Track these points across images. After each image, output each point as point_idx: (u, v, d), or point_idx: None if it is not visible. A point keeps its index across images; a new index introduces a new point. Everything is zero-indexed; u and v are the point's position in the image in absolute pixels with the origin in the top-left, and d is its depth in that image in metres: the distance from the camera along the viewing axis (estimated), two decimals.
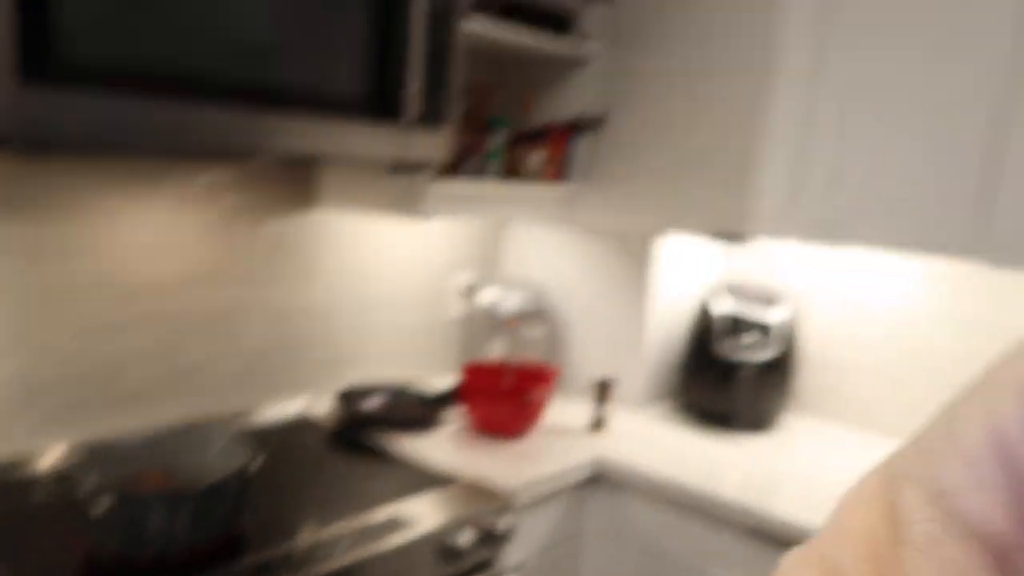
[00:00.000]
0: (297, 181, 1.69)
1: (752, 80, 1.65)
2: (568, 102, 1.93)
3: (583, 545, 1.67)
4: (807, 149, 1.64)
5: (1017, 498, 0.34)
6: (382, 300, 1.91)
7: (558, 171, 1.91)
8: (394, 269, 1.93)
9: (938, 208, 1.49)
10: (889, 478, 0.40)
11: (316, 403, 1.78)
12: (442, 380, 2.01)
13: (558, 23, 1.83)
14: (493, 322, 2.02)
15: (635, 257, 1.97)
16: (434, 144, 1.39)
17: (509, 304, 2.04)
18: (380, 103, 1.30)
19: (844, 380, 1.96)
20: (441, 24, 1.35)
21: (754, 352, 1.86)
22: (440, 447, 1.62)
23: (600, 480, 1.64)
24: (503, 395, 1.73)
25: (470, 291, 2.09)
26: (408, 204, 1.57)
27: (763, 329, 1.87)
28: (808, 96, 1.63)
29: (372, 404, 1.77)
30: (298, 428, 1.68)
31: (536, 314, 2.07)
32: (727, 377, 1.86)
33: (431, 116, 1.37)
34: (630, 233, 1.97)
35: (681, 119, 1.76)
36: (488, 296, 2.04)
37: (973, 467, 0.35)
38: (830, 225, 1.61)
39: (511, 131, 1.88)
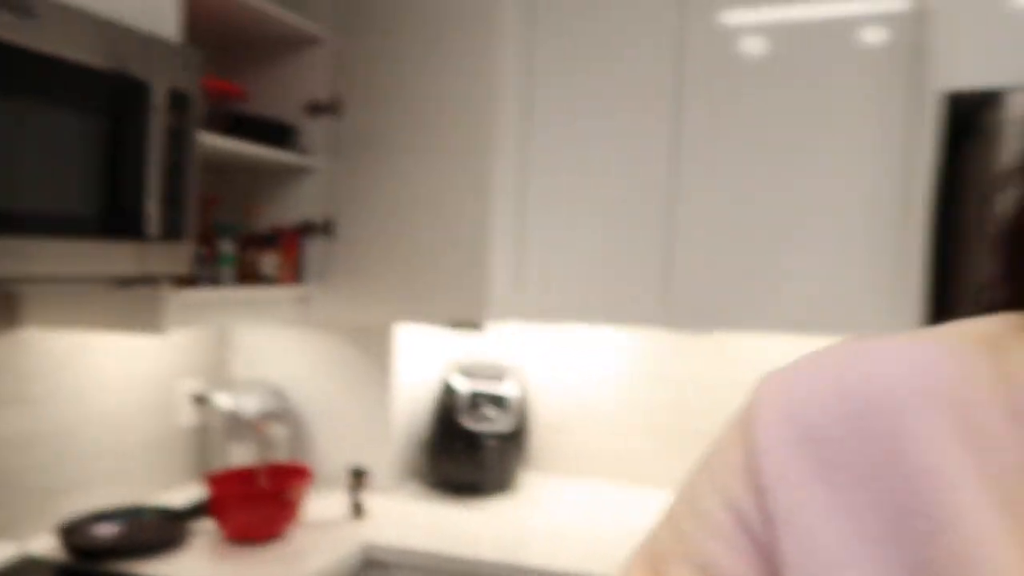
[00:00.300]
0: None
1: (472, 186, 1.88)
2: (297, 207, 2.02)
3: None
4: (524, 245, 1.91)
5: (762, 556, 0.41)
6: (104, 418, 1.81)
7: (293, 273, 1.98)
8: (115, 384, 1.84)
9: (629, 288, 1.82)
10: (653, 559, 0.44)
11: (37, 540, 1.62)
12: (182, 494, 1.93)
13: (283, 135, 1.93)
14: (233, 426, 2.00)
15: (374, 348, 2.08)
16: (175, 257, 1.41)
17: (249, 407, 2.03)
18: (118, 220, 1.30)
19: (572, 438, 2.23)
20: (177, 142, 1.39)
21: (494, 423, 2.04)
22: (195, 565, 1.56)
23: (371, 565, 1.69)
24: (258, 498, 1.72)
25: (201, 399, 2.05)
26: (144, 319, 1.54)
27: (499, 402, 2.07)
28: (520, 200, 1.91)
29: (106, 531, 1.65)
30: (19, 571, 1.52)
31: (277, 414, 2.08)
32: (472, 448, 2.02)
33: (171, 230, 1.39)
34: (368, 327, 2.08)
35: (409, 220, 1.94)
36: (224, 401, 2.02)
37: (725, 539, 0.41)
38: (547, 308, 1.89)
39: (240, 236, 1.92)
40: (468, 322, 1.88)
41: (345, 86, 2.01)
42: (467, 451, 2.03)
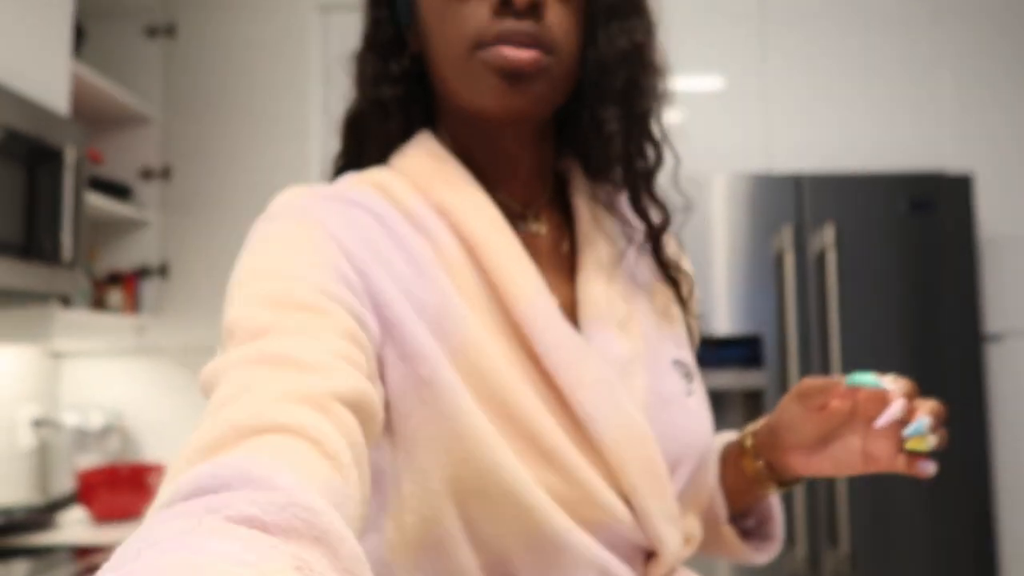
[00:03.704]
0: None
1: None
2: (134, 253, 2.42)
3: None
4: None
5: (356, 293, 0.53)
6: None
7: (132, 307, 2.37)
8: None
9: None
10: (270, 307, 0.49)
11: None
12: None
13: (121, 191, 2.34)
14: (78, 440, 2.30)
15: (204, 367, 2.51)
16: (76, 279, 1.81)
17: (93, 422, 2.35)
18: (37, 248, 1.70)
19: None
20: (77, 191, 1.82)
21: None
22: (70, 534, 1.90)
23: None
24: (121, 483, 2.07)
25: (41, 422, 2.33)
26: (34, 333, 1.89)
27: None
28: None
29: None
30: None
31: (116, 429, 2.41)
32: None
33: (76, 258, 1.80)
34: (198, 348, 2.51)
35: (234, 262, 2.42)
36: (71, 418, 2.32)
37: (336, 280, 0.52)
38: None
39: (91, 276, 2.29)
40: None
41: (174, 155, 2.47)
42: None
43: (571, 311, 0.62)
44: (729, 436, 0.76)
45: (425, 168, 0.63)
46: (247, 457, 0.37)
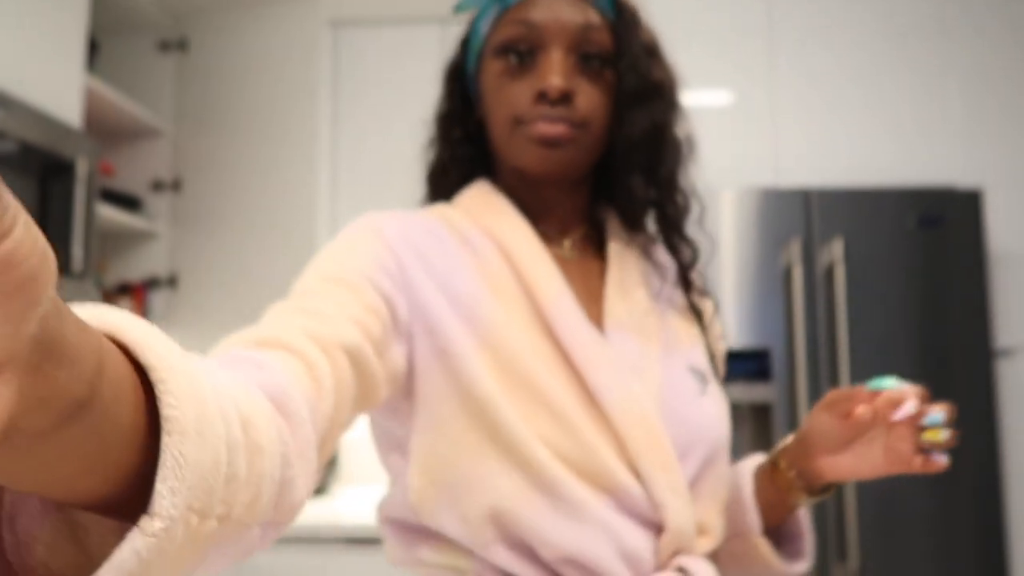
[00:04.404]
0: None
1: (296, 246, 2.44)
2: (144, 264, 2.44)
3: None
4: None
5: (397, 283, 0.66)
6: None
7: (143, 317, 2.37)
8: None
9: None
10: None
11: None
12: None
13: (131, 203, 2.36)
14: None
15: None
16: (87, 292, 1.83)
17: None
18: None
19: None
20: (89, 203, 1.83)
21: None
22: None
23: None
24: None
25: None
26: None
27: None
28: None
29: None
30: None
31: None
32: None
33: (86, 270, 1.81)
34: None
35: (243, 274, 2.44)
36: None
37: (379, 272, 0.65)
38: None
39: (101, 287, 2.30)
40: None
41: (185, 167, 2.49)
42: None
43: (597, 320, 0.74)
44: (762, 457, 0.83)
45: (478, 202, 0.77)
46: (258, 352, 0.50)
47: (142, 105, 2.38)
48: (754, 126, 2.54)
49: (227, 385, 0.37)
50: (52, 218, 1.73)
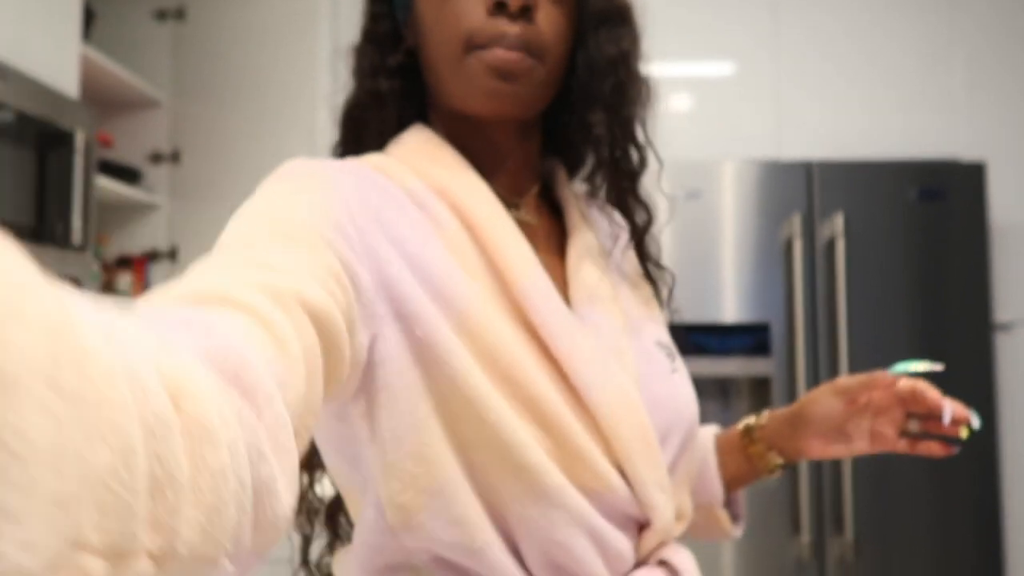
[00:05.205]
0: None
1: None
2: (144, 237, 2.43)
3: None
4: None
5: (354, 248, 0.52)
6: None
7: (141, 291, 2.38)
8: None
9: None
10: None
11: None
12: None
13: (130, 175, 2.35)
14: None
15: None
16: (86, 263, 1.82)
17: None
18: (47, 231, 1.71)
19: None
20: (87, 175, 1.83)
21: None
22: None
23: None
24: None
25: None
26: None
27: None
28: None
29: None
30: None
31: None
32: None
33: (85, 242, 1.81)
34: None
35: None
36: None
37: (334, 231, 0.51)
38: None
39: (102, 259, 2.30)
40: None
41: (184, 138, 2.47)
42: None
43: (563, 293, 0.64)
44: (714, 429, 0.81)
45: (423, 154, 0.65)
46: (195, 311, 0.36)
47: (139, 75, 2.36)
48: (756, 98, 2.52)
49: (145, 348, 0.26)
50: (51, 190, 1.72)
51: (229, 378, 0.30)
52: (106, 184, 2.12)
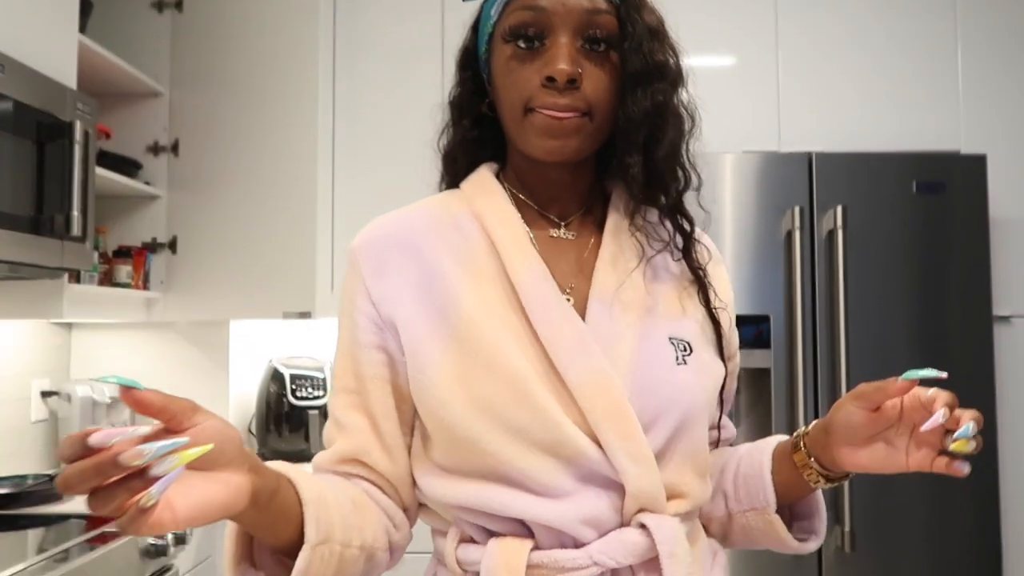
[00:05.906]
0: None
1: (295, 208, 2.43)
2: (143, 228, 2.43)
3: None
4: (340, 248, 2.48)
5: (382, 326, 0.80)
6: None
7: (142, 282, 2.38)
8: None
9: None
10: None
11: None
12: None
13: (130, 166, 2.34)
14: (88, 413, 2.32)
15: (212, 341, 2.52)
16: (85, 254, 1.82)
17: (101, 398, 2.37)
18: (47, 222, 1.70)
19: None
20: (86, 166, 1.82)
21: (314, 400, 2.56)
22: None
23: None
24: None
25: (50, 393, 2.34)
26: (45, 306, 1.90)
27: (318, 382, 2.60)
28: (333, 211, 2.48)
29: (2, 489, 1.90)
30: None
31: (124, 402, 2.43)
32: (297, 422, 2.52)
33: (84, 233, 1.80)
34: (206, 324, 2.52)
35: (243, 234, 2.43)
36: (83, 390, 2.34)
37: (365, 329, 0.81)
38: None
39: (102, 251, 2.30)
40: (299, 312, 2.40)
41: (183, 130, 2.47)
42: (293, 425, 2.52)
43: (585, 299, 0.79)
44: (782, 437, 0.86)
45: (476, 187, 0.84)
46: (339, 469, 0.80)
47: (137, 66, 2.35)
48: (757, 90, 2.51)
49: (333, 485, 0.74)
50: (50, 181, 1.72)
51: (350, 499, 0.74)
52: (105, 175, 2.11)
